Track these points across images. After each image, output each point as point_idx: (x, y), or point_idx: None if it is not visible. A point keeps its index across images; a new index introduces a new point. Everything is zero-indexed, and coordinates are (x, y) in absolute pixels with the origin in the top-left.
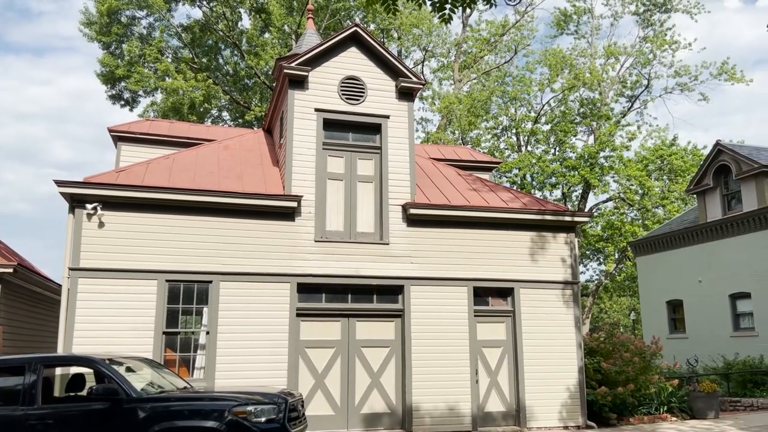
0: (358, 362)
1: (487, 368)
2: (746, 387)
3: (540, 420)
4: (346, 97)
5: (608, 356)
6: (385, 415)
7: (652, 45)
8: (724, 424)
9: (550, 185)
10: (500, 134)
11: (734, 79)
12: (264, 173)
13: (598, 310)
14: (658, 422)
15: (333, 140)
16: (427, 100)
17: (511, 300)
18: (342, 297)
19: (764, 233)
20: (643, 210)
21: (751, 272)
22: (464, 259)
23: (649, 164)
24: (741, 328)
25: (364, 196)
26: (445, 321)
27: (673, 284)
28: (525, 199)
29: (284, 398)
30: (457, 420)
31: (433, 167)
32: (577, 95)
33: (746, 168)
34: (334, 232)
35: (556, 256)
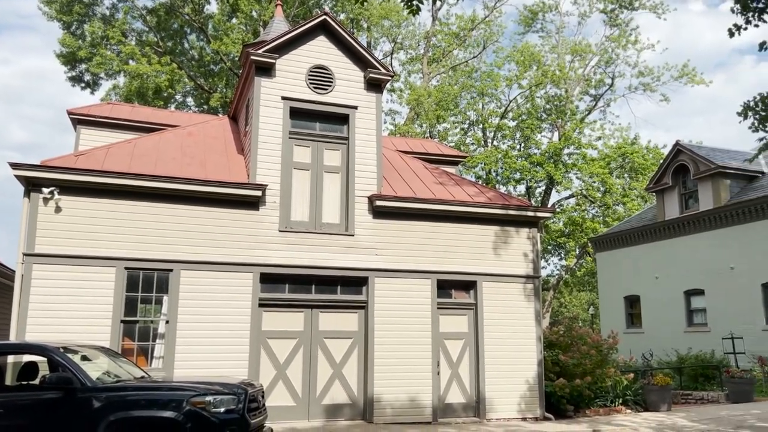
0: (320, 353)
1: (449, 360)
2: (698, 381)
3: (499, 411)
4: (313, 86)
5: (567, 349)
6: (347, 405)
7: (617, 44)
8: (675, 416)
9: (515, 181)
10: (467, 129)
11: (694, 81)
12: (228, 161)
13: (558, 304)
14: (614, 414)
15: (300, 129)
16: (395, 92)
17: (474, 293)
18: (306, 288)
19: (718, 232)
20: (604, 207)
21: (705, 270)
22: (429, 252)
23: (611, 162)
24: (694, 323)
25: (330, 187)
26: (409, 313)
27: (631, 280)
28: (490, 194)
29: (244, 389)
30: (418, 411)
31: (401, 160)
32: (543, 92)
33: (703, 168)
34: (299, 223)
35: (518, 251)
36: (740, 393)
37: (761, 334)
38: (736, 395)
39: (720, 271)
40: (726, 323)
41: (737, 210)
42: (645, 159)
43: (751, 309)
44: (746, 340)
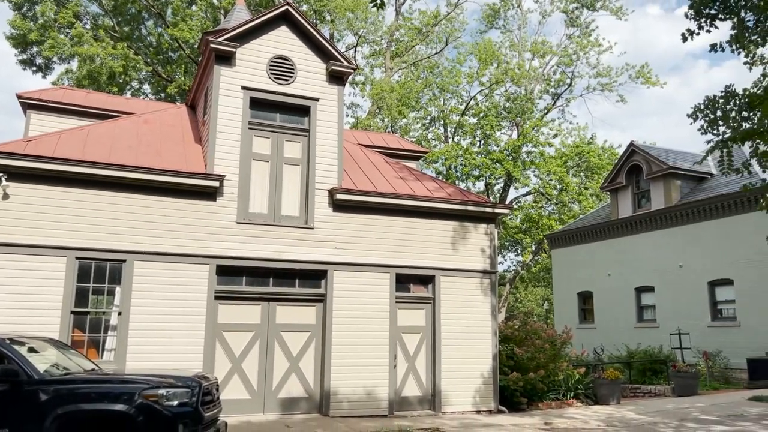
0: (277, 346)
1: (406, 354)
2: (646, 375)
3: (454, 405)
4: (274, 76)
5: (521, 343)
6: (303, 399)
7: (577, 45)
8: (624, 409)
9: (474, 177)
10: (429, 124)
11: (650, 82)
12: (185, 150)
13: (514, 299)
14: (565, 407)
15: (260, 120)
16: (358, 85)
17: (432, 287)
18: (263, 280)
19: (668, 231)
20: (560, 205)
21: (655, 267)
22: (388, 246)
23: (568, 161)
24: (644, 319)
25: (289, 179)
26: (367, 307)
27: (585, 277)
28: (449, 190)
29: (198, 382)
30: (375, 404)
31: (362, 153)
32: (504, 90)
33: (656, 169)
34: (257, 215)
35: (476, 246)
36: (686, 387)
37: (706, 330)
38: (682, 389)
39: (669, 268)
40: (674, 319)
41: (687, 210)
42: (600, 158)
43: (698, 306)
44: (692, 336)
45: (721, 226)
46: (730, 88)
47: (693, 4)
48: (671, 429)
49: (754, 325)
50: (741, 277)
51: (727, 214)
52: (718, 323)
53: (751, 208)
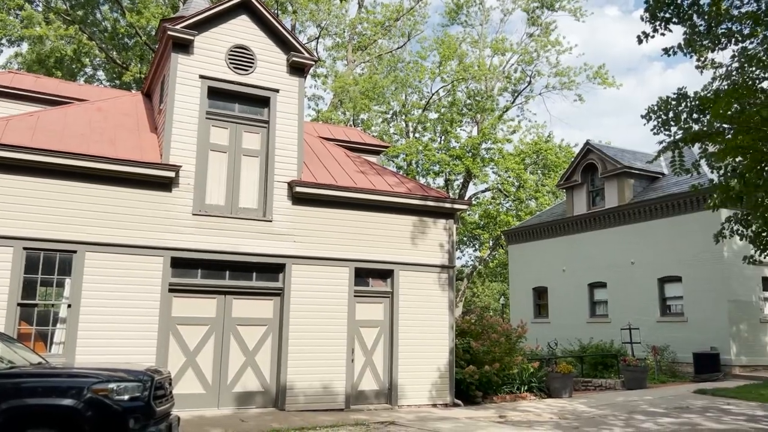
0: (233, 340)
1: (364, 348)
2: (597, 369)
3: (411, 398)
4: (234, 66)
5: (478, 337)
6: (259, 393)
7: (537, 44)
8: (576, 402)
9: (434, 172)
10: (390, 119)
11: (607, 83)
12: (140, 139)
13: (471, 293)
14: (519, 401)
15: (218, 110)
16: (320, 77)
17: (391, 281)
18: (219, 273)
19: (621, 229)
20: (517, 201)
21: (608, 264)
22: (348, 240)
23: (526, 158)
24: (597, 314)
25: (248, 171)
26: (326, 301)
27: (540, 272)
28: (410, 185)
29: (150, 376)
30: (331, 398)
31: (322, 146)
32: (465, 87)
33: (610, 167)
34: (214, 206)
35: (435, 241)
36: (635, 380)
37: (656, 325)
38: (632, 382)
39: (622, 265)
40: (625, 315)
41: (639, 208)
42: (557, 156)
43: (648, 302)
44: (642, 331)
45: (672, 225)
46: (682, 91)
47: (648, 7)
48: (621, 421)
49: (700, 321)
50: (689, 274)
51: (677, 213)
52: (667, 319)
53: (700, 207)
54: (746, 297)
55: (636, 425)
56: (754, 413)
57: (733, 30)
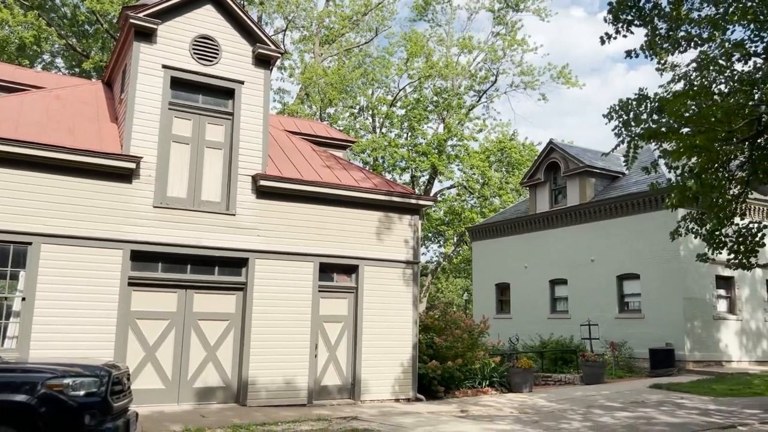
0: (194, 335)
1: (327, 343)
2: (557, 364)
3: (374, 393)
4: (198, 56)
5: (441, 333)
6: (220, 389)
7: (503, 43)
8: (536, 396)
9: (400, 168)
10: (357, 114)
11: (570, 83)
12: (100, 129)
13: (436, 289)
14: (481, 395)
15: (181, 101)
16: (286, 70)
17: (356, 277)
18: (181, 267)
19: (582, 227)
20: (482, 198)
21: (569, 261)
22: (312, 235)
23: (491, 156)
24: (557, 310)
25: (211, 163)
26: (289, 296)
27: (503, 269)
28: (376, 180)
29: (107, 371)
30: (294, 394)
31: (288, 140)
32: (431, 84)
33: (573, 166)
34: (175, 199)
35: (400, 237)
36: (593, 375)
37: (614, 321)
38: (590, 377)
39: (582, 262)
40: (585, 311)
41: (600, 207)
42: (521, 155)
43: (607, 298)
44: (601, 327)
45: (631, 223)
46: (642, 92)
47: (611, 9)
48: (579, 416)
49: (656, 317)
50: (646, 271)
51: (636, 212)
52: (625, 315)
53: (658, 206)
54: (701, 294)
55: (594, 419)
56: (706, 407)
57: (692, 34)
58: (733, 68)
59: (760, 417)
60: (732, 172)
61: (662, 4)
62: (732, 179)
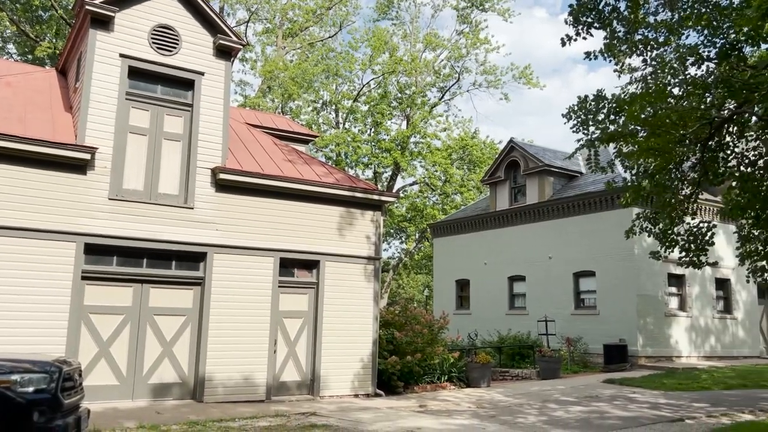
0: (149, 330)
1: (287, 339)
2: (515, 359)
3: (333, 389)
4: (157, 46)
5: (401, 328)
6: (176, 385)
7: (467, 41)
8: (493, 391)
9: (363, 164)
10: (320, 109)
11: (531, 83)
12: (54, 118)
13: (397, 285)
14: (439, 390)
15: (138, 91)
16: (248, 62)
17: (317, 272)
18: (136, 261)
19: (541, 224)
20: (443, 195)
21: (528, 258)
22: (273, 230)
23: (453, 153)
24: (515, 306)
25: (169, 155)
26: (248, 291)
27: (463, 265)
28: (338, 175)
29: (58, 367)
30: (252, 390)
31: (249, 133)
32: (395, 80)
33: (532, 165)
34: (132, 191)
35: (362, 233)
36: (549, 370)
37: (570, 317)
38: (546, 372)
39: (540, 259)
40: (542, 307)
41: (558, 205)
42: (482, 153)
43: (564, 295)
44: (558, 323)
45: (587, 222)
46: (601, 93)
47: (572, 11)
48: (535, 410)
49: (610, 314)
50: (602, 269)
51: (592, 211)
52: (581, 311)
53: (614, 205)
54: (653, 292)
55: (549, 414)
56: (656, 401)
57: (648, 38)
58: (687, 72)
59: (707, 410)
60: (684, 173)
61: (621, 8)
62: (684, 180)
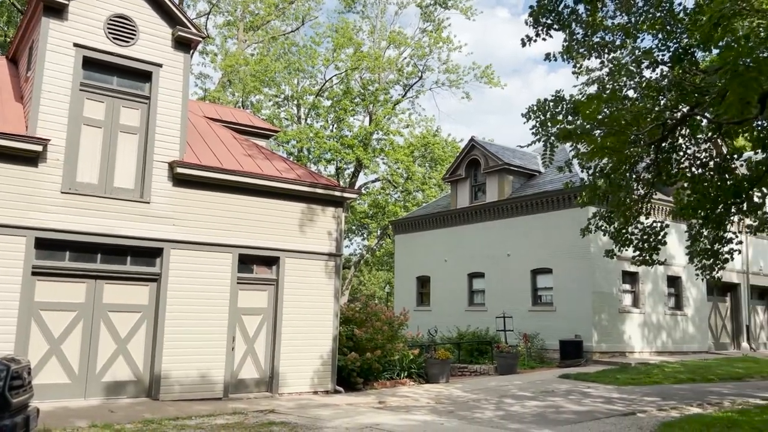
0: (103, 327)
1: (245, 336)
2: (473, 355)
3: (292, 386)
4: (113, 36)
5: (362, 325)
6: (131, 382)
7: (430, 40)
8: (452, 387)
9: (326, 160)
10: (282, 103)
11: (492, 83)
12: (3, 109)
13: (358, 281)
14: (399, 386)
15: (93, 82)
16: (208, 55)
17: (276, 269)
18: (90, 256)
19: (500, 222)
20: (405, 192)
21: (487, 255)
22: (232, 226)
23: (415, 151)
24: (475, 303)
25: (125, 148)
26: (206, 287)
27: (424, 262)
28: (299, 171)
29: (5, 365)
30: (209, 387)
31: (208, 127)
32: (359, 76)
33: (492, 164)
34: (86, 185)
35: (323, 229)
36: (507, 366)
37: (527, 314)
38: (504, 368)
39: (499, 257)
40: (501, 303)
41: (517, 203)
42: (444, 151)
43: (521, 291)
44: (515, 319)
45: (545, 220)
46: (559, 93)
47: (532, 12)
48: (492, 405)
49: (567, 310)
50: (559, 266)
51: (550, 209)
52: (538, 308)
53: (571, 204)
54: (608, 289)
55: (505, 409)
56: (610, 395)
57: (606, 40)
58: (642, 75)
59: (658, 404)
60: (639, 174)
61: (579, 11)
62: (638, 180)
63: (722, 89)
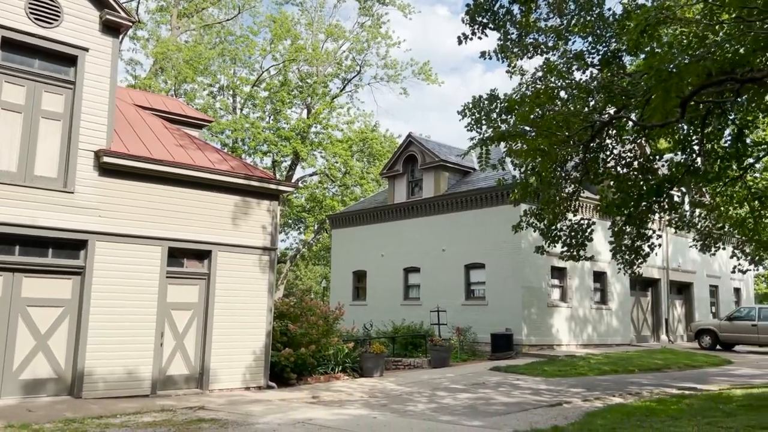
0: (21, 322)
1: (175, 331)
2: (408, 348)
3: (223, 382)
4: (35, 17)
5: (297, 320)
6: (51, 380)
7: (368, 35)
8: (386, 381)
9: (262, 152)
10: (217, 93)
11: (430, 80)
12: None
13: (294, 276)
14: (333, 381)
15: (13, 64)
16: (139, 40)
17: (208, 263)
18: (8, 248)
19: (435, 218)
20: (343, 187)
21: (422, 250)
22: (162, 218)
23: (353, 145)
24: (410, 297)
25: (48, 135)
26: (134, 281)
27: (361, 257)
28: (233, 163)
29: None
30: (136, 384)
31: (137, 115)
32: (296, 68)
33: (429, 160)
34: (3, 173)
35: (257, 223)
36: (440, 359)
37: (461, 308)
38: (437, 361)
39: (434, 252)
40: (435, 298)
41: (452, 200)
42: (382, 146)
43: (455, 286)
44: (449, 313)
45: (478, 216)
46: (494, 92)
47: (469, 10)
48: (425, 398)
49: (498, 305)
50: (491, 261)
51: (483, 206)
52: (471, 302)
53: (504, 201)
54: (537, 284)
55: (438, 401)
56: (538, 387)
57: (539, 41)
58: (573, 77)
59: (583, 395)
60: (568, 172)
61: (514, 11)
62: (567, 179)
63: (647, 93)
